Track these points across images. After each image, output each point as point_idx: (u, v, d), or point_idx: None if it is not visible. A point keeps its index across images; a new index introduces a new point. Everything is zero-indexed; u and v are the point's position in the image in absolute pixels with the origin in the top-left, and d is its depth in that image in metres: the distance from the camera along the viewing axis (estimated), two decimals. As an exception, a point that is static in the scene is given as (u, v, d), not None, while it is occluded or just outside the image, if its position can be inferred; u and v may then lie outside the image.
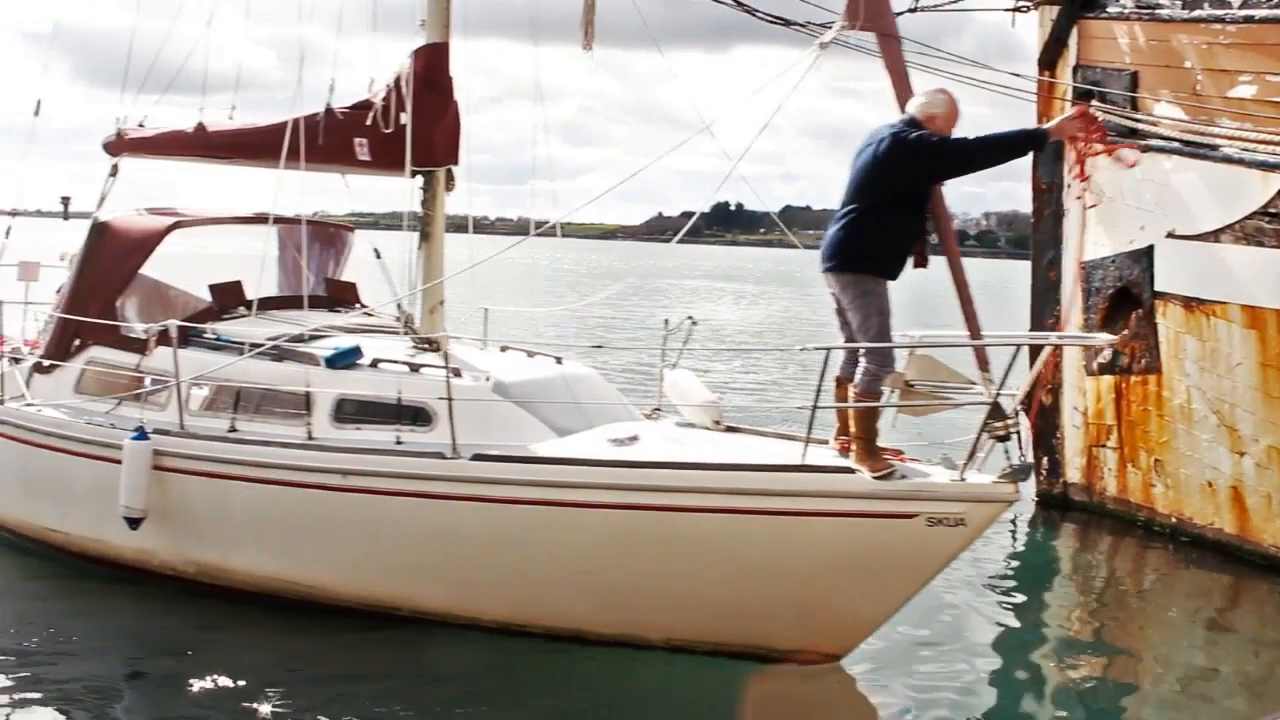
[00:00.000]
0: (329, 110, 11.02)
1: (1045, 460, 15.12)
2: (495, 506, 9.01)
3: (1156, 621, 11.80)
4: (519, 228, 11.91)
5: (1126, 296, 13.77)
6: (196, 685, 8.79)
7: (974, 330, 8.73)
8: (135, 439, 10.06)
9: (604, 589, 9.10)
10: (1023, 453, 8.47)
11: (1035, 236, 15.43)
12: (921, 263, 8.77)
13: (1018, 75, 13.87)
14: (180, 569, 10.51)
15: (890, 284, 8.71)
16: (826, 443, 9.10)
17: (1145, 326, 13.46)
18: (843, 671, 9.25)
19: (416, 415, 9.73)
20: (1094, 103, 13.04)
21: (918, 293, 9.84)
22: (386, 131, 10.74)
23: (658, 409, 11.07)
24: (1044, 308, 15.14)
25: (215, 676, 8.87)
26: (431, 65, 10.73)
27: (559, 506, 8.84)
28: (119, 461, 10.16)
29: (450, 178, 11.00)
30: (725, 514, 8.57)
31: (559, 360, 11.15)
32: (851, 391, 8.71)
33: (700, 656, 9.20)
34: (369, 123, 10.82)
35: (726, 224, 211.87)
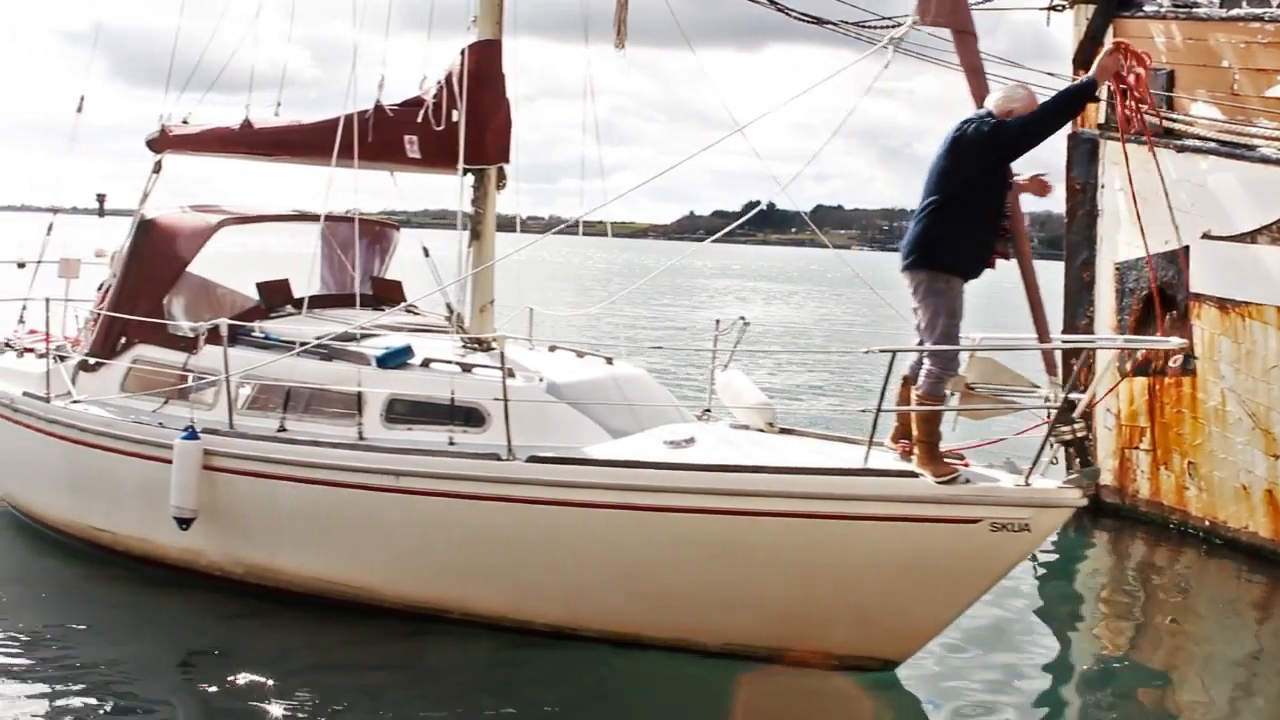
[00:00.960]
0: (379, 107, 10.92)
1: (1077, 462, 14.97)
2: (552, 509, 8.89)
3: (1190, 625, 11.66)
4: (549, 226, 11.77)
5: (1160, 297, 13.63)
6: (194, 679, 8.83)
7: (1043, 333, 8.59)
8: (186, 438, 9.98)
9: (661, 593, 8.98)
10: (1091, 458, 8.36)
11: (1069, 237, 15.28)
12: (990, 263, 8.61)
13: (1052, 75, 13.77)
14: (228, 569, 10.43)
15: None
16: (883, 445, 8.96)
17: (1180, 328, 13.34)
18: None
19: (469, 416, 9.63)
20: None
21: (983, 294, 9.68)
22: (438, 129, 10.63)
23: (708, 410, 10.95)
24: (1077, 308, 15.02)
25: (218, 673, 8.85)
26: (484, 62, 10.62)
27: (618, 509, 8.72)
28: (167, 461, 10.09)
29: (502, 175, 10.89)
30: (786, 518, 8.45)
31: (609, 360, 11.04)
32: (913, 394, 8.57)
33: (702, 658, 9.14)
34: (420, 120, 10.71)
35: (758, 223, 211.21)
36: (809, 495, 8.36)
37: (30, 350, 12.97)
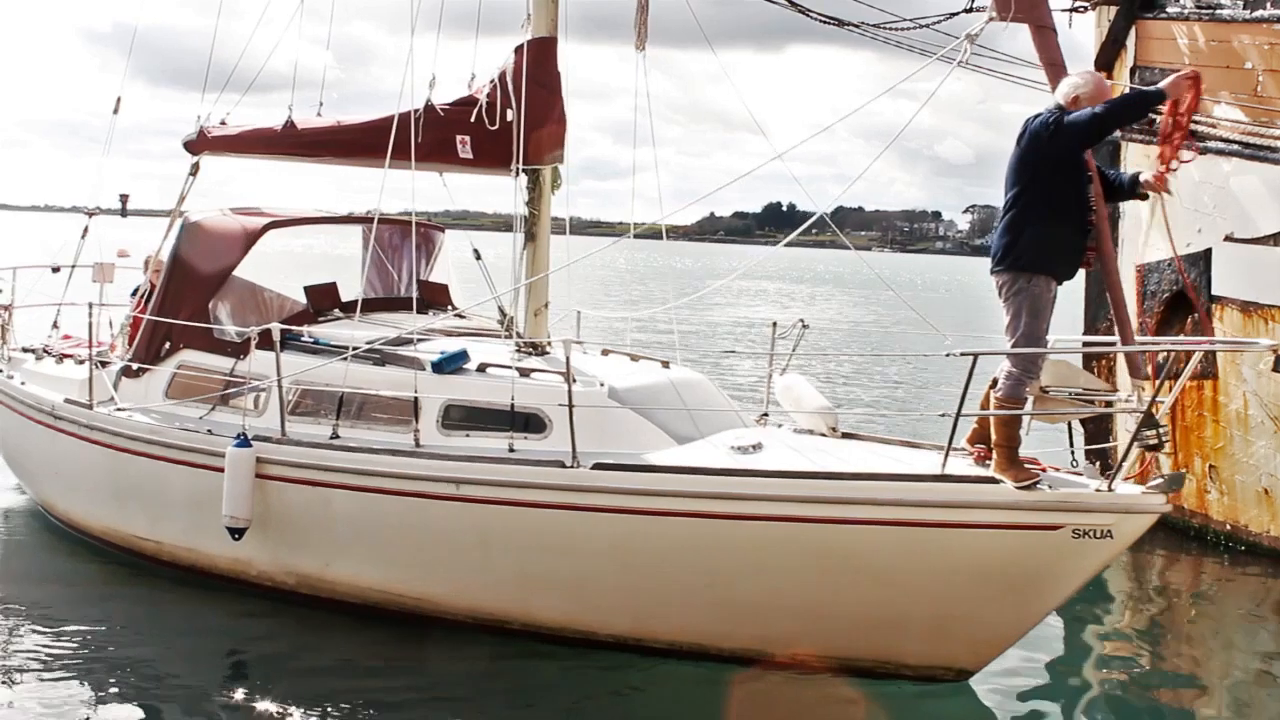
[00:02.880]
0: (429, 107, 10.69)
1: (1096, 465, 14.88)
2: (618, 517, 8.66)
3: (1211, 629, 11.52)
4: (573, 228, 11.54)
5: (1183, 300, 13.45)
6: (191, 679, 8.81)
7: (1126, 335, 8.35)
8: (238, 446, 9.75)
9: (730, 603, 8.75)
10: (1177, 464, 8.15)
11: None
12: (1086, 262, 8.37)
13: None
14: (279, 580, 10.21)
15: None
16: (961, 449, 8.74)
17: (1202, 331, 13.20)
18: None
19: (529, 422, 9.41)
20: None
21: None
22: (492, 128, 10.41)
23: (765, 414, 10.73)
24: (1098, 311, 14.87)
25: (221, 673, 8.93)
26: (539, 60, 10.39)
27: (686, 517, 8.49)
28: (217, 469, 9.87)
29: (557, 176, 10.65)
30: (861, 525, 8.22)
31: (665, 364, 10.81)
32: (992, 396, 8.34)
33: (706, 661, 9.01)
34: (473, 120, 10.48)
35: (778, 224, 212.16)
36: (888, 502, 8.14)
37: (69, 356, 12.77)
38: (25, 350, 13.55)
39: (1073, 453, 9.13)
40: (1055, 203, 8.10)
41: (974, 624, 8.45)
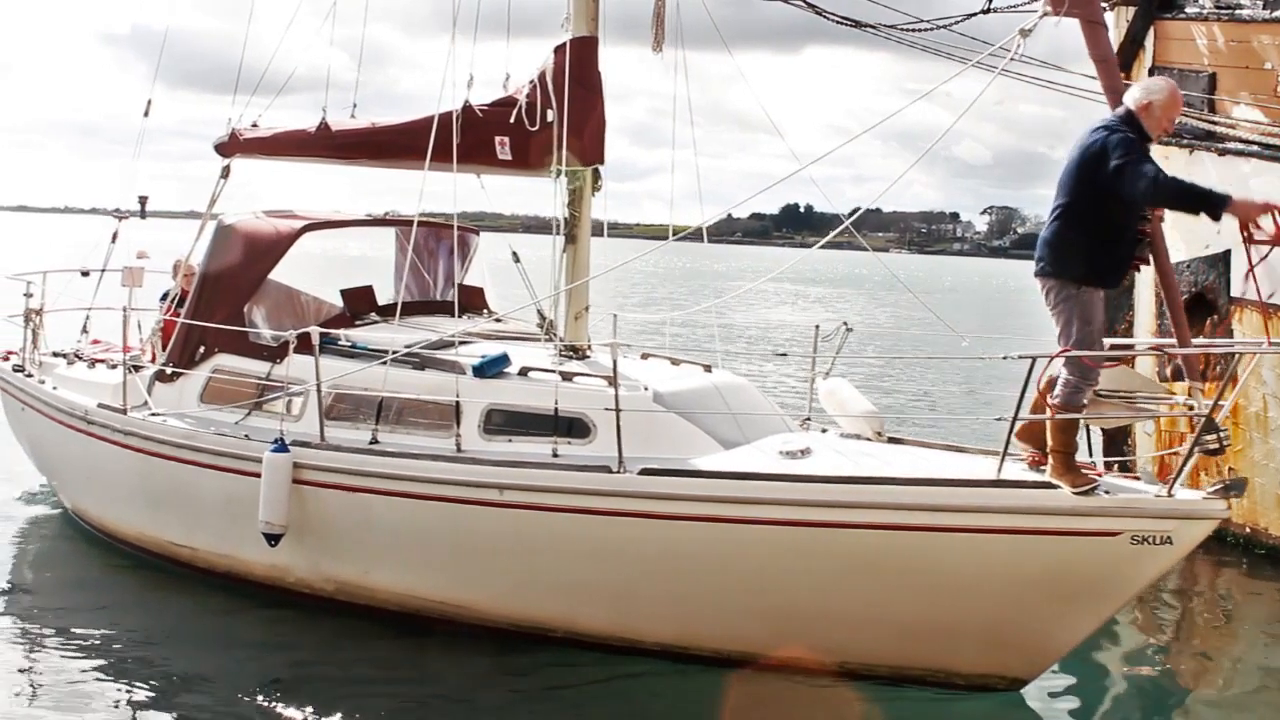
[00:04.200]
0: (468, 107, 10.54)
1: (1115, 468, 14.75)
2: (666, 523, 8.51)
3: (1230, 633, 11.39)
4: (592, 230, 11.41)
5: (1201, 302, 13.32)
6: (227, 688, 8.72)
7: (1183, 338, 8.17)
8: (275, 451, 9.63)
9: (782, 611, 8.60)
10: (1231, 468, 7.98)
11: None
12: (1135, 268, 8.20)
13: (1091, 77, 13.47)
14: (317, 587, 10.07)
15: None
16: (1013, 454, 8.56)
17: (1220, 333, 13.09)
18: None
19: (572, 426, 9.27)
20: None
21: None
22: (532, 129, 10.26)
23: (808, 419, 10.57)
24: (1116, 313, 14.73)
25: (228, 673, 8.86)
26: (580, 60, 10.23)
27: (736, 523, 8.34)
28: (254, 474, 9.74)
29: (597, 177, 10.49)
30: (916, 531, 8.06)
31: (707, 368, 10.65)
32: (1049, 402, 8.16)
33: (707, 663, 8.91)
34: (512, 120, 10.34)
35: (796, 225, 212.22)
36: (943, 508, 7.98)
37: (101, 361, 12.67)
38: (56, 355, 13.45)
39: (1090, 456, 8.92)
40: (1107, 219, 7.92)
41: (1028, 632, 8.30)
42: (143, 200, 14.07)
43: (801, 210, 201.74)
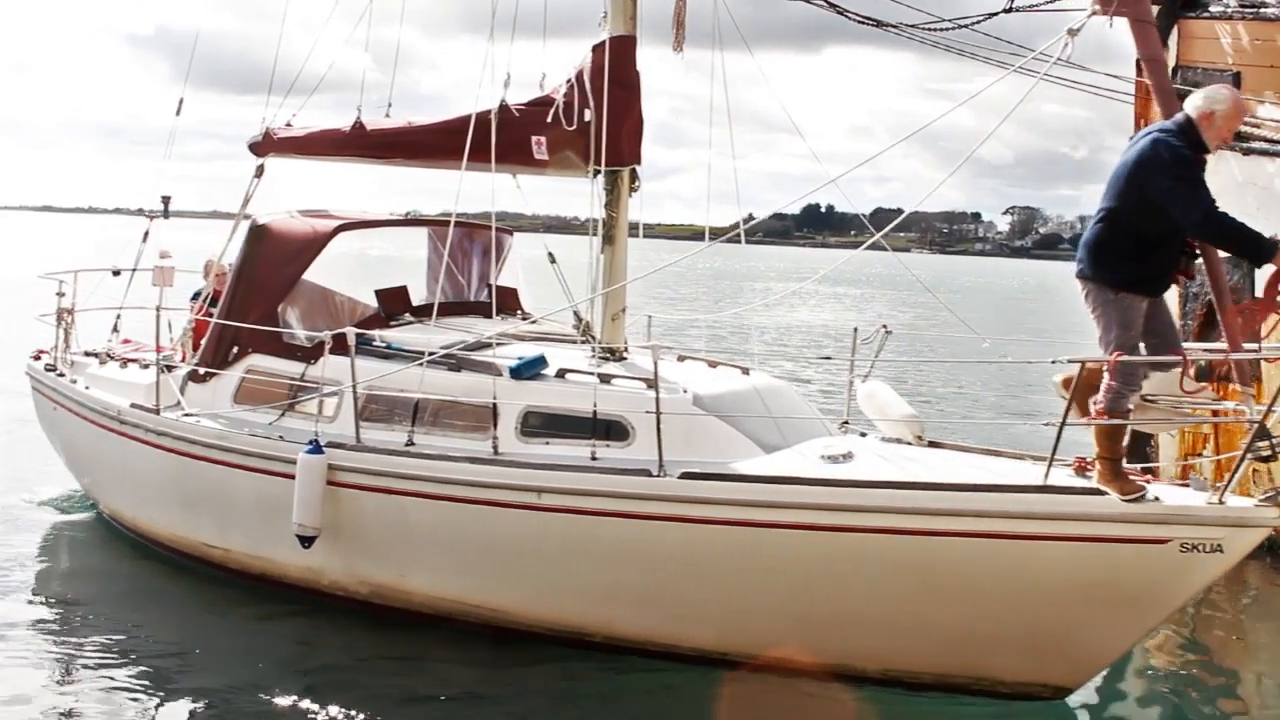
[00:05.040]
0: (504, 107, 10.44)
1: (1138, 470, 14.63)
2: (707, 528, 8.41)
3: (1252, 637, 11.28)
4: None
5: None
6: (260, 690, 8.70)
7: (1234, 342, 8.02)
8: (310, 453, 9.55)
9: (820, 616, 8.49)
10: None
11: None
12: (1176, 280, 8.05)
13: (1114, 76, 13.35)
14: (352, 589, 10.00)
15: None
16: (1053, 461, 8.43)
17: None
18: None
19: (610, 429, 9.17)
20: None
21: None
22: (569, 129, 10.16)
23: (845, 422, 10.46)
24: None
25: (234, 673, 8.85)
26: (619, 59, 10.13)
27: (777, 528, 8.24)
28: (288, 475, 9.68)
29: (634, 177, 10.39)
30: (962, 538, 7.95)
31: (745, 371, 10.55)
32: (1093, 409, 8.02)
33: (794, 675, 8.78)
34: (549, 120, 10.25)
35: (817, 225, 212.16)
36: (989, 514, 7.86)
37: (132, 360, 12.62)
38: (87, 354, 13.41)
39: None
40: (1151, 229, 7.79)
41: (1074, 640, 8.18)
42: (166, 200, 14.06)
43: (822, 210, 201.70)
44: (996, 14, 14.69)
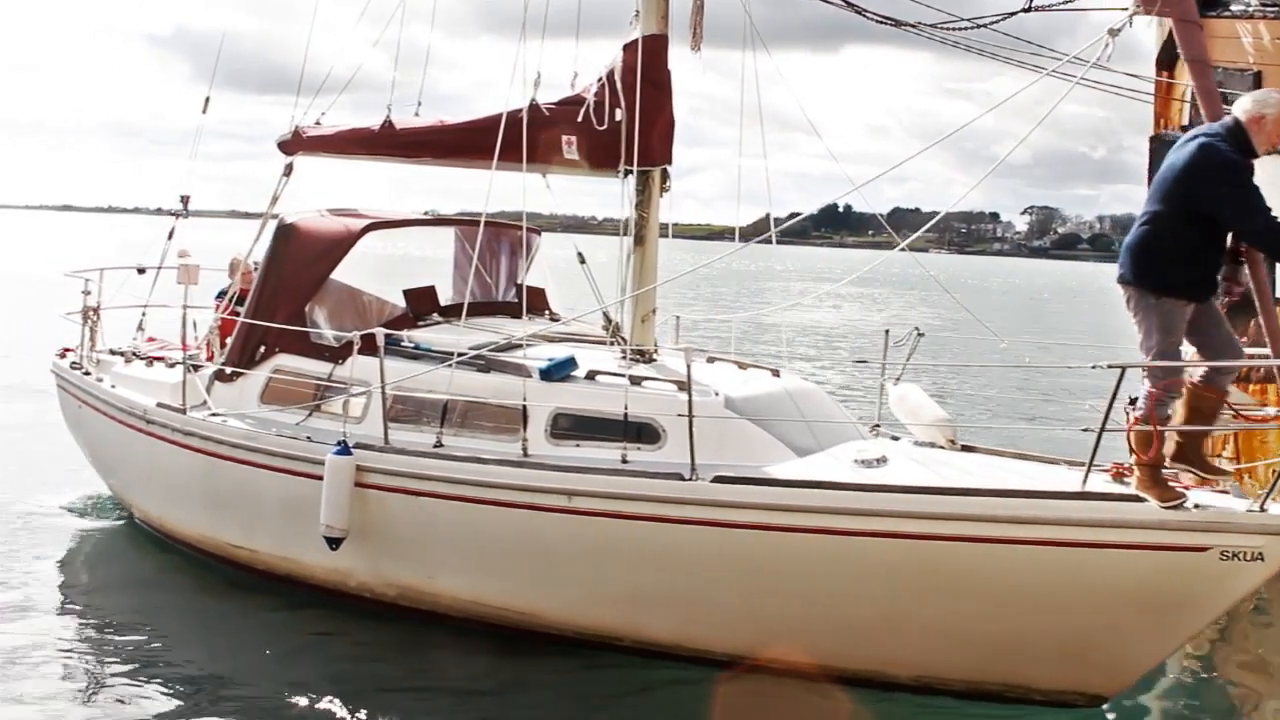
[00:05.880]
0: (534, 106, 10.37)
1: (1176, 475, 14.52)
2: (740, 533, 8.32)
3: (1273, 640, 11.12)
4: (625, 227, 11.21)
5: (1247, 302, 13.02)
6: (286, 692, 8.67)
7: (1278, 348, 7.91)
8: (338, 454, 9.49)
9: (857, 622, 8.39)
10: None
11: None
12: (1227, 289, 7.92)
13: (1134, 75, 13.24)
14: (379, 591, 9.94)
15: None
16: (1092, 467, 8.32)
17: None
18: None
19: (641, 432, 9.09)
20: None
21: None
22: (600, 128, 10.09)
23: (877, 425, 10.36)
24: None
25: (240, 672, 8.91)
26: (651, 58, 10.04)
27: (813, 534, 8.13)
28: (315, 476, 9.62)
29: (665, 177, 10.30)
30: (996, 544, 7.84)
31: (775, 373, 10.45)
32: (1131, 415, 7.90)
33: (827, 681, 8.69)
34: (580, 119, 10.17)
35: (834, 225, 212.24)
36: (1028, 520, 7.75)
37: (158, 359, 12.58)
38: (113, 353, 13.37)
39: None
40: (1198, 235, 7.70)
41: (1111, 648, 8.07)
42: (185, 199, 14.06)
43: (840, 210, 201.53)
44: (1015, 13, 14.59)
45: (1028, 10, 15.22)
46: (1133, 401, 8.01)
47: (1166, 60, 13.92)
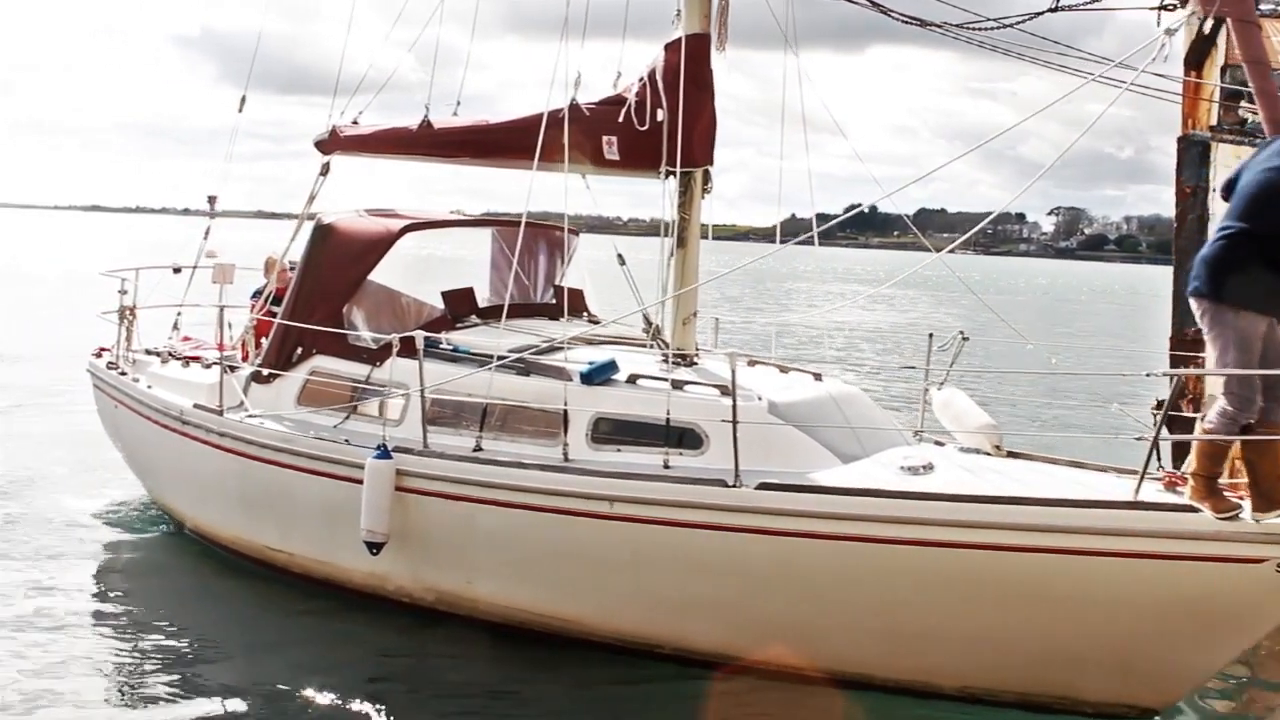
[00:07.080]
0: (574, 106, 10.27)
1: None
2: (785, 540, 8.18)
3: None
4: (651, 229, 11.10)
5: None
6: (324, 696, 8.66)
7: None
8: (378, 457, 9.40)
9: (899, 631, 8.26)
10: None
11: (1178, 242, 14.37)
12: None
13: (1162, 75, 13.02)
14: (418, 596, 9.86)
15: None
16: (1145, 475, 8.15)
17: None
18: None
19: (683, 437, 8.97)
20: (1244, 104, 12.19)
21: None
22: (641, 129, 9.97)
23: (919, 431, 10.21)
24: (1185, 316, 14.12)
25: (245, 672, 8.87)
26: (694, 58, 9.92)
27: (859, 542, 8.00)
28: (354, 480, 9.53)
29: (707, 179, 10.18)
30: (1046, 553, 7.69)
31: (817, 377, 10.32)
32: (1200, 427, 7.69)
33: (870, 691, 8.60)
34: (621, 120, 10.06)
35: (860, 226, 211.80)
36: (1079, 530, 7.60)
37: (194, 359, 12.52)
38: (149, 353, 13.33)
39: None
40: None
41: (1162, 661, 7.92)
42: (212, 199, 14.04)
43: (866, 210, 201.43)
44: (1041, 13, 14.41)
45: (1054, 10, 15.03)
46: (1200, 413, 7.81)
47: (1195, 60, 13.71)
